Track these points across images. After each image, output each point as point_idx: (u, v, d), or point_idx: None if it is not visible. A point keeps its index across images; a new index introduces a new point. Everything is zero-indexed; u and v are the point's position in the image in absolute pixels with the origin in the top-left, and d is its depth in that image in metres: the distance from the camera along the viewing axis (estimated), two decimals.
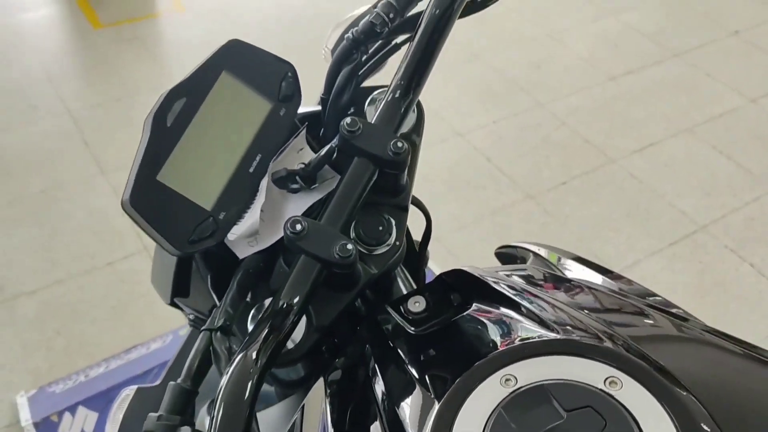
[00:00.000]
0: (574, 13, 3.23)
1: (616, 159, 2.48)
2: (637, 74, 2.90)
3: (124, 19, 2.97)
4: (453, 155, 2.47)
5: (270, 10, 3.11)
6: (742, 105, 2.75)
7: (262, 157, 0.59)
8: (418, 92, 0.59)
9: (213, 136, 0.57)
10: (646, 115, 2.68)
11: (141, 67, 2.72)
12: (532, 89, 2.78)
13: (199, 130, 0.56)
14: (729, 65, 2.96)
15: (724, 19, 3.26)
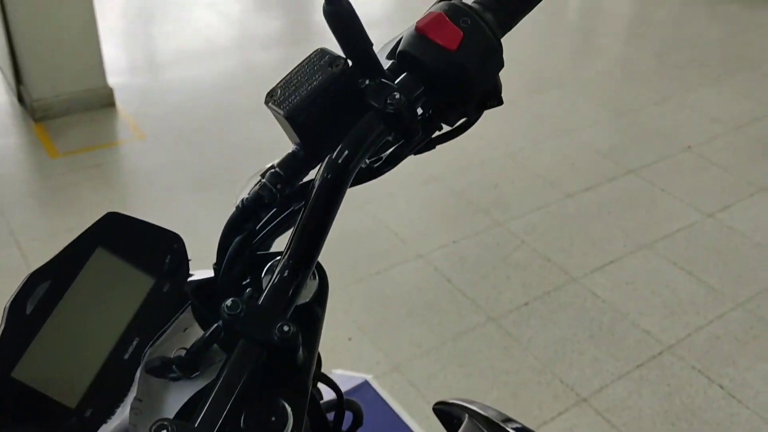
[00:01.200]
0: (530, 132, 3.31)
1: (577, 278, 2.45)
2: (594, 191, 2.93)
3: (82, 148, 2.97)
4: (414, 278, 2.43)
5: (235, 138, 3.14)
6: (699, 220, 2.77)
7: (140, 341, 0.53)
8: (309, 268, 0.54)
9: (82, 321, 0.51)
10: (605, 232, 2.69)
11: (97, 197, 2.69)
12: (491, 208, 2.79)
13: (66, 315, 0.51)
14: (684, 180, 3.02)
15: (676, 135, 3.35)
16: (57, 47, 3.05)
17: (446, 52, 0.55)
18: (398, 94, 0.54)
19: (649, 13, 5.00)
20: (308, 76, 0.55)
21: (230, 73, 3.73)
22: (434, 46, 0.55)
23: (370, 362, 2.10)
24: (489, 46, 0.57)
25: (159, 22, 4.33)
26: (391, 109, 0.54)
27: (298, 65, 0.57)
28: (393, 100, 0.54)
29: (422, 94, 0.56)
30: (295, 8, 4.82)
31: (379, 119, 0.54)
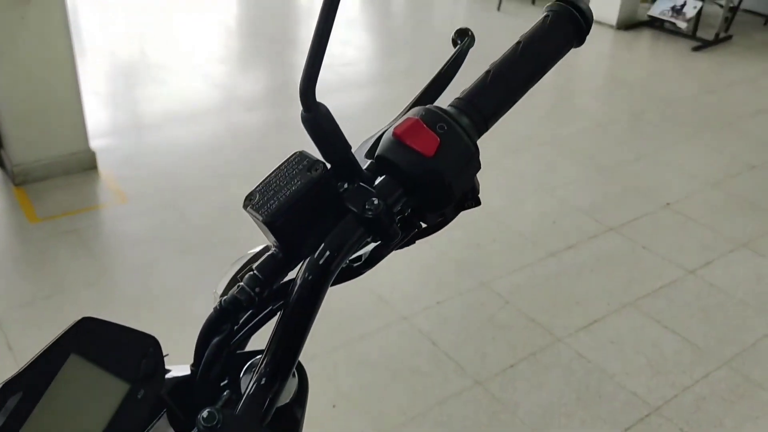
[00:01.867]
0: (511, 191, 3.34)
1: (562, 338, 2.44)
2: (576, 249, 2.95)
3: (62, 212, 2.95)
4: (398, 341, 2.41)
5: (217, 201, 3.14)
6: (681, 277, 2.79)
7: None
8: (288, 372, 0.54)
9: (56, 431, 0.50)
10: (589, 291, 2.69)
11: (76, 263, 2.66)
12: (474, 268, 2.79)
13: (39, 426, 0.49)
14: (664, 237, 3.04)
15: (654, 192, 3.40)
16: (39, 111, 3.05)
17: (423, 159, 0.56)
18: (376, 200, 0.54)
19: (624, 71, 5.13)
20: (287, 180, 0.55)
21: (214, 136, 3.75)
22: (411, 152, 0.56)
23: (355, 429, 2.06)
24: (465, 151, 0.57)
25: (143, 85, 4.37)
26: (369, 215, 0.54)
27: (276, 168, 0.57)
28: (371, 205, 0.54)
29: (400, 197, 0.57)
30: (279, 71, 4.89)
31: (359, 223, 0.55)
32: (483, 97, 0.61)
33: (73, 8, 5.50)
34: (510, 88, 0.62)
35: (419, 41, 5.46)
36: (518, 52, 0.62)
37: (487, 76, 0.62)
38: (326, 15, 0.52)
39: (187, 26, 5.41)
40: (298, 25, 5.97)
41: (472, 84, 0.62)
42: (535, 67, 0.63)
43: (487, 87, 0.61)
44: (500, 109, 0.62)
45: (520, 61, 0.62)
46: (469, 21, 6.25)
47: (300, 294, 0.54)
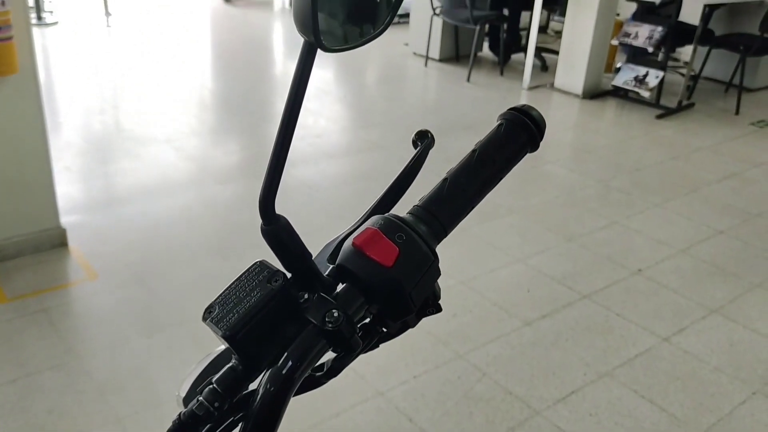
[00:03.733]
0: (484, 260, 3.36)
1: (540, 410, 2.42)
2: (551, 318, 2.95)
3: (31, 292, 2.89)
4: (374, 418, 2.36)
5: (188, 276, 3.11)
6: (655, 344, 2.79)
7: None
8: None
9: None
10: (565, 361, 2.68)
11: (44, 344, 2.59)
12: (450, 340, 2.77)
13: None
14: (637, 304, 3.06)
15: (625, 258, 3.44)
16: (9, 189, 3.03)
17: (383, 269, 0.56)
18: (337, 312, 0.54)
19: (591, 140, 5.26)
20: (247, 292, 0.55)
21: (186, 209, 3.74)
22: (371, 262, 0.56)
23: None
24: (425, 260, 0.58)
25: (116, 159, 4.37)
26: (330, 327, 0.54)
27: (236, 279, 0.57)
28: (332, 317, 0.54)
29: (362, 306, 0.57)
30: (253, 144, 4.93)
31: (319, 335, 0.54)
32: (441, 204, 0.62)
33: (46, 81, 5.55)
34: (467, 195, 0.63)
35: (391, 113, 5.56)
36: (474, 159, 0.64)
37: (444, 184, 0.63)
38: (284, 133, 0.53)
39: (161, 99, 5.46)
40: (272, 98, 6.06)
41: (430, 192, 0.64)
42: (491, 173, 0.64)
43: (444, 195, 0.63)
44: (458, 216, 0.63)
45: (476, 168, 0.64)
46: (440, 92, 6.41)
47: (262, 405, 0.53)
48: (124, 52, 6.91)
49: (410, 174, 0.69)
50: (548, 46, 7.05)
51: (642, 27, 5.65)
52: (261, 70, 6.73)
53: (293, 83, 0.54)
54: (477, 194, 0.64)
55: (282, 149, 0.54)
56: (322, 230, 3.51)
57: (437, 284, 0.62)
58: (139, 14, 8.27)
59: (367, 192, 4.01)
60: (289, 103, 0.54)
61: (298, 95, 0.54)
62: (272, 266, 0.57)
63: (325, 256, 0.63)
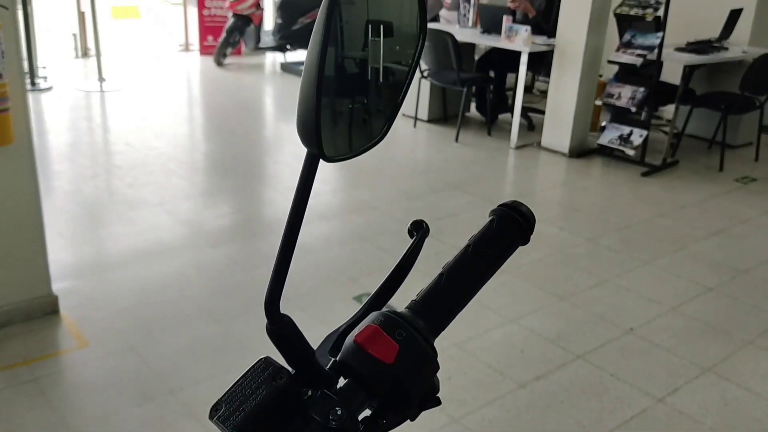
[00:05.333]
0: (477, 322, 3.36)
1: None
2: (545, 379, 2.94)
3: (21, 362, 2.86)
4: None
5: (180, 342, 3.09)
6: (650, 405, 2.79)
7: None
8: None
9: None
10: (561, 423, 2.67)
11: (33, 415, 2.56)
12: (445, 404, 2.75)
13: None
14: (631, 364, 3.06)
15: (617, 317, 3.45)
16: (1, 257, 3.03)
17: (383, 366, 0.58)
18: (339, 410, 0.56)
19: (578, 198, 5.33)
20: (252, 389, 0.57)
21: (179, 273, 3.75)
22: (372, 359, 0.59)
23: None
24: (424, 356, 0.61)
25: (107, 224, 4.39)
26: (333, 425, 0.56)
27: (242, 376, 0.59)
28: (335, 415, 0.56)
29: (364, 401, 0.59)
30: (244, 205, 4.97)
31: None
32: (438, 299, 0.65)
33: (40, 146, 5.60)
34: (463, 289, 0.66)
35: (381, 173, 5.63)
36: (469, 254, 0.67)
37: (441, 279, 0.66)
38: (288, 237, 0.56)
39: (153, 163, 5.51)
40: (264, 159, 6.13)
41: (427, 286, 0.66)
42: (485, 267, 0.67)
43: (441, 289, 0.65)
44: (455, 310, 0.66)
45: (471, 262, 0.67)
46: (429, 152, 6.51)
47: None
48: (117, 116, 7.00)
49: (407, 264, 0.72)
50: (534, 105, 7.21)
51: (624, 88, 5.80)
52: (253, 133, 6.82)
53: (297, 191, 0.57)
54: (472, 287, 0.67)
55: (286, 252, 0.57)
56: (315, 291, 3.52)
57: (436, 377, 0.64)
58: (132, 78, 8.41)
59: (359, 252, 4.03)
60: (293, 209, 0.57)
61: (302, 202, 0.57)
62: (276, 363, 0.59)
63: (326, 348, 0.65)
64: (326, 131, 0.56)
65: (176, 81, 8.77)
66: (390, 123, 0.63)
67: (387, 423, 0.64)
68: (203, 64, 9.60)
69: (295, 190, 0.58)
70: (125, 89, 7.88)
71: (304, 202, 0.58)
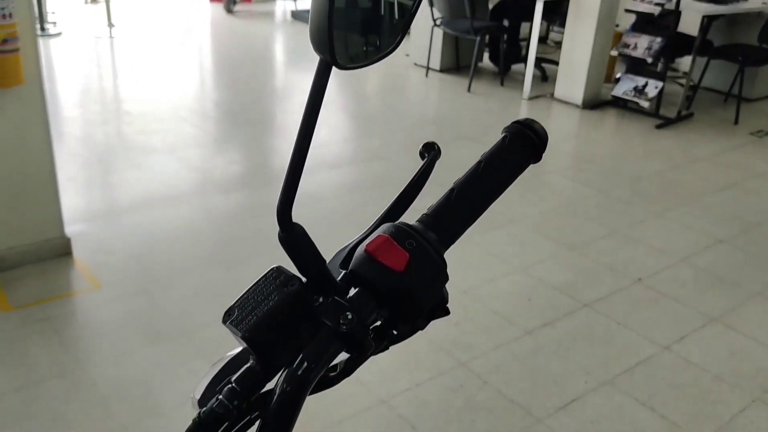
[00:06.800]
0: (485, 270, 3.38)
1: (542, 418, 2.43)
2: (552, 326, 2.96)
3: (36, 301, 2.91)
4: (376, 425, 2.38)
5: (191, 285, 3.13)
6: (656, 353, 2.81)
7: None
8: None
9: None
10: (566, 369, 2.70)
11: (48, 353, 2.61)
12: (452, 348, 2.78)
13: None
14: (638, 313, 3.08)
15: (625, 268, 3.46)
16: (15, 199, 3.06)
17: (394, 274, 0.59)
18: (350, 314, 0.57)
19: (591, 149, 5.29)
20: (264, 296, 0.58)
21: (189, 219, 3.77)
22: (382, 267, 0.59)
23: None
24: (434, 266, 0.61)
25: (119, 170, 4.40)
26: (344, 329, 0.56)
27: (254, 284, 0.59)
28: (345, 320, 0.56)
29: (373, 309, 0.59)
30: (254, 154, 4.97)
31: (334, 337, 0.57)
32: (448, 213, 0.65)
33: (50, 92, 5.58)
34: (473, 205, 0.66)
35: (392, 123, 5.59)
36: (480, 170, 0.67)
37: (451, 194, 0.66)
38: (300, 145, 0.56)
39: (163, 110, 5.50)
40: (274, 108, 6.10)
41: (438, 201, 0.66)
42: (496, 184, 0.67)
43: (451, 204, 0.65)
44: (465, 224, 0.66)
45: (482, 179, 0.66)
46: (440, 102, 6.45)
47: (279, 405, 0.56)
48: (126, 63, 6.96)
49: (417, 185, 0.72)
50: (548, 56, 7.09)
51: (641, 38, 5.69)
52: (263, 81, 6.77)
53: (310, 98, 0.57)
54: (483, 204, 0.67)
55: (299, 161, 0.57)
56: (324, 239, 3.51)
57: (445, 289, 0.64)
58: (141, 25, 8.33)
59: (368, 202, 4.03)
60: (305, 117, 0.57)
61: (314, 109, 0.57)
62: (288, 271, 0.59)
63: (337, 263, 0.66)
64: (339, 38, 0.55)
65: (186, 28, 8.68)
66: (403, 33, 0.62)
67: (397, 333, 0.65)
68: (214, 12, 9.48)
69: (307, 99, 0.57)
70: (135, 36, 7.81)
71: (315, 112, 0.57)
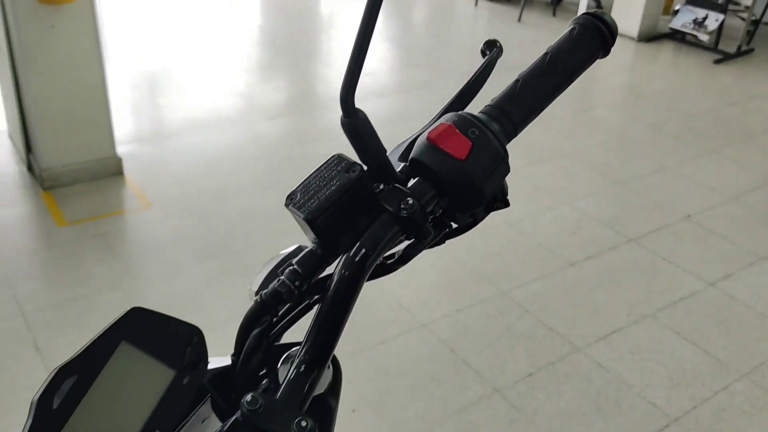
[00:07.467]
0: (530, 202, 3.35)
1: (581, 347, 2.45)
2: (596, 260, 2.95)
3: (89, 217, 3.00)
4: (418, 348, 2.43)
5: (238, 207, 3.18)
6: (701, 289, 2.78)
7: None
8: (325, 362, 0.56)
9: (106, 414, 0.53)
10: (608, 301, 2.70)
11: (102, 267, 2.71)
12: (493, 278, 2.80)
13: (90, 409, 0.52)
14: (685, 249, 3.04)
15: (674, 204, 3.39)
16: (68, 118, 3.12)
17: (456, 162, 0.58)
18: (411, 200, 0.57)
19: (645, 84, 5.13)
20: (326, 180, 0.58)
21: (235, 144, 3.81)
22: (445, 155, 0.59)
23: None
24: (496, 155, 0.60)
25: (167, 93, 4.44)
26: (404, 213, 0.57)
27: (315, 170, 0.60)
28: (406, 205, 0.57)
29: (433, 198, 0.60)
30: (300, 81, 4.95)
31: (394, 222, 0.57)
32: (512, 104, 0.64)
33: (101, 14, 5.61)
34: (538, 97, 0.65)
35: (440, 53, 5.49)
36: (546, 62, 0.65)
37: (516, 85, 0.65)
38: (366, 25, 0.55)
39: (212, 36, 5.49)
40: (320, 36, 6.03)
41: (502, 92, 0.65)
42: (562, 77, 0.65)
43: (516, 95, 0.64)
44: (528, 117, 0.65)
45: (547, 71, 0.65)
46: (490, 33, 6.29)
47: (337, 289, 0.57)
48: None
49: (477, 83, 0.71)
50: None
51: None
52: (309, 9, 6.68)
53: None
54: (547, 96, 0.65)
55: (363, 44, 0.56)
56: None
57: (505, 181, 0.64)
58: None
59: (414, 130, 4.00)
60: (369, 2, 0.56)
61: None
62: (349, 158, 0.60)
63: (395, 157, 0.66)
64: None
65: None
66: None
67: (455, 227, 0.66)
68: None
69: None
70: None
71: None
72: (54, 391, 0.51)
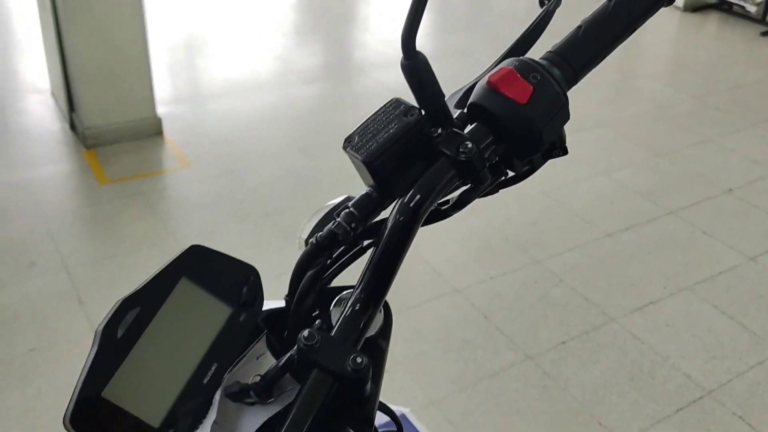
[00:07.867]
0: (568, 171, 3.31)
1: (616, 318, 2.44)
2: (633, 231, 2.92)
3: (130, 176, 3.05)
4: (450, 313, 2.44)
5: (275, 169, 3.20)
6: (741, 263, 2.74)
7: (218, 366, 0.56)
8: (379, 303, 0.57)
9: (166, 346, 0.54)
10: (645, 273, 2.67)
11: (142, 224, 2.76)
12: (529, 246, 2.79)
13: (152, 340, 0.54)
14: (725, 223, 2.99)
15: (716, 177, 3.33)
16: (110, 78, 3.16)
17: (517, 106, 0.58)
18: (470, 144, 0.57)
19: (689, 54, 5.00)
20: (384, 124, 0.58)
21: (272, 107, 3.82)
22: (505, 100, 0.58)
23: (407, 396, 2.10)
24: (557, 101, 0.60)
25: (206, 55, 4.47)
26: (462, 157, 0.57)
27: (373, 113, 0.60)
28: (465, 149, 0.57)
29: (491, 143, 0.59)
30: (337, 46, 4.93)
31: (451, 166, 0.57)
32: (574, 51, 0.63)
33: None
34: (600, 44, 0.64)
35: (476, 20, 5.42)
36: (609, 9, 0.64)
37: (578, 32, 0.64)
38: None
39: None
40: (358, 2, 5.98)
41: (564, 38, 0.64)
42: (625, 24, 0.64)
43: (578, 42, 0.63)
44: (590, 64, 0.64)
45: (611, 18, 0.64)
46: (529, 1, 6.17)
47: (392, 233, 0.57)
48: None
49: (534, 32, 0.70)
50: None
51: None
52: None
53: None
54: (609, 44, 0.64)
55: None
56: None
57: (564, 129, 0.64)
58: None
59: None
60: None
61: None
62: (407, 102, 0.60)
63: (453, 102, 0.65)
64: None
65: None
66: None
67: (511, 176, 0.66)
68: None
69: None
70: None
71: None
72: (118, 321, 0.52)
